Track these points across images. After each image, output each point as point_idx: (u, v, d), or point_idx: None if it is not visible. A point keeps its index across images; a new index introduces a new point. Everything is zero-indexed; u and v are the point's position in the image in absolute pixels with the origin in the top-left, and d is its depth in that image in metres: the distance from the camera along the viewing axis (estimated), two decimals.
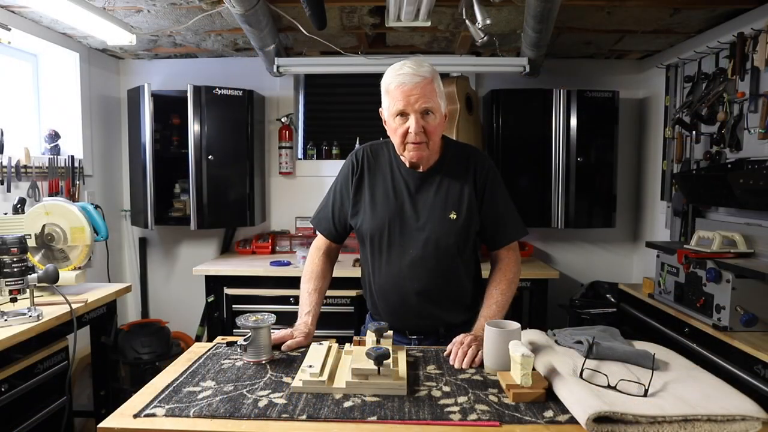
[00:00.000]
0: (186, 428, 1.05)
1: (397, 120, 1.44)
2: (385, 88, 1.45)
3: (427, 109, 1.41)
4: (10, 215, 2.23)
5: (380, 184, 1.55)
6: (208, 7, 2.54)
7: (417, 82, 1.38)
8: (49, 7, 2.34)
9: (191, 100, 3.13)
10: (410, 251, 1.50)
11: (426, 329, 1.57)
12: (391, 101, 1.43)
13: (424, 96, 1.39)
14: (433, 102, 1.41)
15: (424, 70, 1.41)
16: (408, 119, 1.41)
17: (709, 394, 1.09)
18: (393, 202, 1.53)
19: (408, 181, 1.54)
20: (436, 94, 1.42)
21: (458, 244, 1.51)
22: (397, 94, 1.40)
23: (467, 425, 1.05)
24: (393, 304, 1.56)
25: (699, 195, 2.56)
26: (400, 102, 1.40)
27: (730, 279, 2.00)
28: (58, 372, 1.98)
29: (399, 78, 1.40)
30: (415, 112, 1.40)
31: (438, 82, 1.44)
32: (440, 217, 1.50)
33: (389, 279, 1.54)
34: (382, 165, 1.57)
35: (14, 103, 2.93)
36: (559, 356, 1.29)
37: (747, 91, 2.38)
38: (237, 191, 3.28)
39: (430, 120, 1.42)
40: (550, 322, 3.04)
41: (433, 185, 1.53)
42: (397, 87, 1.40)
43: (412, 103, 1.39)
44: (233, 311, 3.04)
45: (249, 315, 1.43)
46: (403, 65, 1.42)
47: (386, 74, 1.45)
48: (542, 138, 3.21)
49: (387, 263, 1.54)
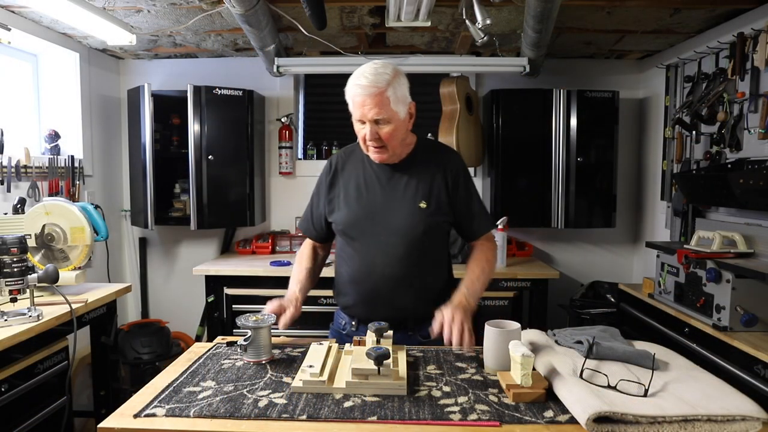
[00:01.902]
0: (186, 428, 1.05)
1: (357, 125, 1.53)
2: (346, 93, 1.52)
3: (378, 120, 1.47)
4: (10, 215, 2.23)
5: (353, 180, 1.64)
6: (208, 7, 2.54)
7: (369, 94, 1.45)
8: (49, 7, 2.34)
9: (191, 100, 3.13)
10: (381, 239, 1.56)
11: (395, 320, 1.58)
12: (351, 108, 1.52)
13: (376, 107, 1.45)
14: (385, 112, 1.46)
15: (379, 79, 1.45)
16: (365, 125, 1.50)
17: (709, 394, 1.09)
18: (365, 195, 1.60)
19: (379, 174, 1.61)
20: (389, 103, 1.47)
21: (427, 232, 1.57)
22: (352, 104, 1.50)
23: (467, 425, 1.05)
24: (364, 293, 1.60)
25: (699, 195, 2.56)
26: (356, 111, 1.49)
27: (730, 279, 2.00)
28: (58, 372, 1.98)
29: (352, 89, 1.48)
30: (368, 121, 1.47)
31: (394, 89, 1.47)
32: (410, 205, 1.56)
33: (361, 267, 1.59)
34: (355, 162, 1.66)
35: (14, 103, 2.93)
36: (559, 356, 1.29)
37: (747, 91, 2.38)
38: (237, 191, 3.28)
39: (383, 128, 1.49)
40: (550, 322, 3.04)
41: (404, 176, 1.59)
42: (351, 98, 1.49)
43: (366, 113, 1.47)
44: (233, 311, 3.04)
45: (249, 315, 1.43)
46: (360, 75, 1.47)
47: (349, 79, 1.51)
48: (542, 138, 3.21)
49: (359, 252, 1.60)
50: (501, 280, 2.98)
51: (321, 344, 1.42)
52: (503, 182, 3.22)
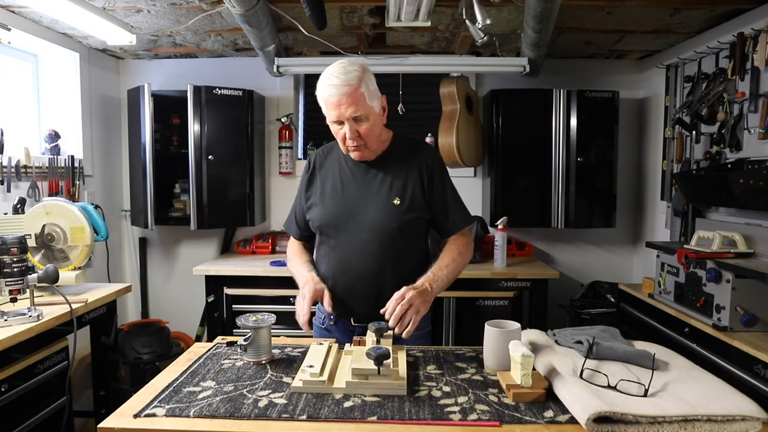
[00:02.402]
0: (186, 428, 1.05)
1: (334, 126, 1.53)
2: (318, 96, 1.51)
3: (357, 117, 1.48)
4: (10, 215, 2.23)
5: (330, 178, 1.65)
6: (208, 7, 2.54)
7: (343, 93, 1.45)
8: (49, 7, 2.34)
9: (191, 100, 3.13)
10: (356, 236, 1.57)
11: (371, 317, 1.56)
12: (326, 110, 1.51)
13: (353, 104, 1.46)
14: (362, 108, 1.47)
15: (351, 77, 1.46)
16: (343, 126, 1.50)
17: (709, 394, 1.09)
18: (340, 193, 1.61)
19: (355, 171, 1.63)
20: (364, 98, 1.48)
21: (401, 228, 1.57)
22: (329, 105, 1.48)
23: (467, 425, 1.05)
24: (340, 290, 1.60)
25: (699, 195, 2.56)
26: (332, 112, 1.48)
27: (730, 279, 2.00)
28: (58, 372, 1.98)
29: (327, 90, 1.47)
30: (347, 120, 1.48)
31: (366, 84, 1.49)
32: (384, 202, 1.57)
33: (338, 263, 1.60)
34: (332, 161, 1.68)
35: (14, 103, 2.93)
36: (559, 356, 1.29)
37: (747, 91, 2.38)
38: (237, 191, 3.28)
39: (362, 125, 1.50)
40: (550, 322, 3.04)
41: (379, 174, 1.60)
42: (325, 100, 1.49)
43: (343, 112, 1.47)
44: (233, 311, 3.04)
45: (249, 315, 1.43)
46: (331, 75, 1.47)
47: (318, 82, 1.51)
48: (542, 138, 3.21)
49: (335, 249, 1.61)
50: (501, 280, 2.98)
51: (321, 344, 1.42)
52: (503, 182, 3.22)
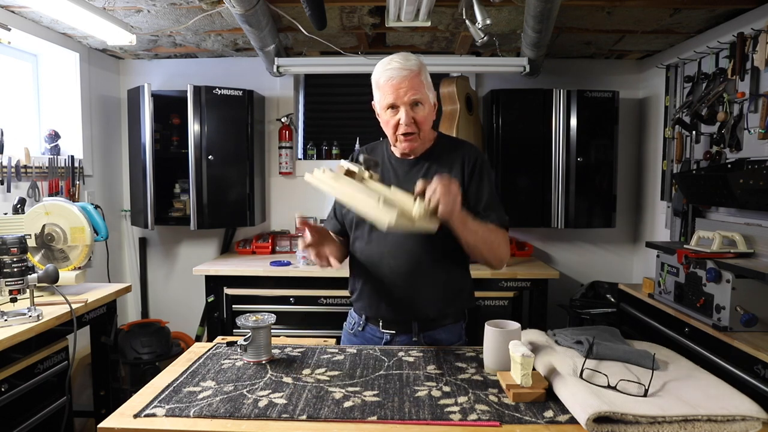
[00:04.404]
0: (186, 428, 1.05)
1: (388, 112, 1.50)
2: (375, 82, 1.51)
3: (416, 101, 1.47)
4: (10, 215, 2.23)
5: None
6: (208, 7, 2.54)
7: (405, 76, 1.44)
8: (49, 7, 2.34)
9: (191, 100, 3.13)
10: (394, 234, 1.51)
11: (400, 321, 1.57)
12: (381, 95, 1.49)
13: (412, 88, 1.45)
14: (421, 93, 1.47)
15: (411, 63, 1.46)
16: (398, 111, 1.47)
17: (709, 394, 1.09)
18: None
19: (397, 168, 1.59)
20: (424, 86, 1.48)
21: (442, 228, 1.48)
22: (387, 88, 1.46)
23: (467, 425, 1.05)
24: (372, 287, 1.58)
25: (699, 195, 2.56)
26: (390, 95, 1.46)
27: (730, 279, 2.00)
28: (58, 372, 1.98)
29: (388, 72, 1.46)
30: (404, 104, 1.46)
31: (425, 74, 1.50)
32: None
33: (369, 258, 1.58)
34: (376, 157, 1.61)
35: (14, 103, 2.93)
36: (559, 356, 1.29)
37: (747, 91, 2.38)
38: (237, 191, 3.28)
39: (419, 111, 1.48)
40: (550, 322, 3.04)
41: (420, 171, 1.56)
42: (387, 81, 1.46)
43: (402, 95, 1.45)
44: (233, 311, 3.04)
45: (249, 315, 1.43)
46: (391, 60, 1.47)
47: (375, 69, 1.50)
48: (542, 138, 3.21)
49: (369, 243, 1.58)
50: (501, 280, 2.98)
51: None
52: (503, 182, 3.22)
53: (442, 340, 1.58)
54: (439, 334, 1.58)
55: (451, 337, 1.59)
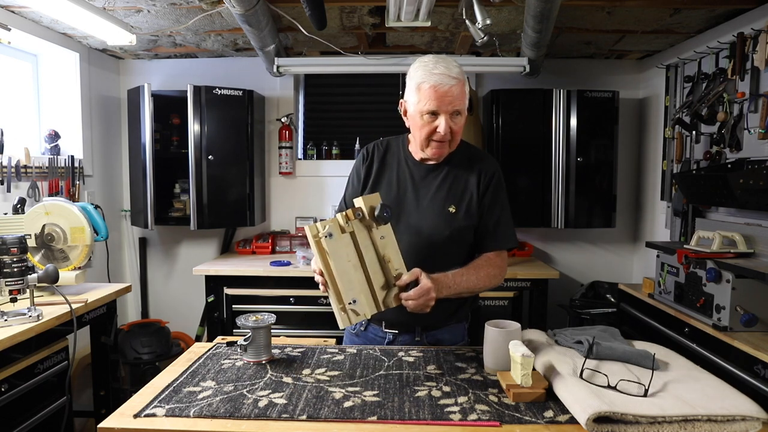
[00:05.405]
0: (186, 428, 1.05)
1: (425, 117, 1.45)
2: (417, 84, 1.44)
3: (457, 111, 1.44)
4: (10, 215, 2.23)
5: (386, 174, 1.59)
6: (208, 7, 2.54)
7: (452, 85, 1.40)
8: (49, 7, 2.34)
9: (191, 100, 3.13)
10: (404, 237, 1.50)
11: (403, 324, 1.56)
12: (422, 99, 1.43)
13: (457, 98, 1.42)
14: (463, 104, 1.45)
15: (457, 72, 1.43)
16: (437, 119, 1.44)
17: (709, 394, 1.09)
18: (395, 191, 1.56)
19: (414, 172, 1.57)
20: (465, 96, 1.46)
21: (452, 237, 1.51)
22: (431, 94, 1.41)
23: (467, 425, 1.05)
24: None
25: (699, 195, 2.56)
26: (432, 101, 1.42)
27: (730, 279, 2.00)
28: (58, 372, 1.98)
29: (434, 78, 1.40)
30: (446, 113, 1.43)
31: (467, 84, 1.48)
32: (439, 208, 1.52)
33: None
34: (391, 156, 1.61)
35: (14, 103, 2.93)
36: (559, 356, 1.29)
37: (747, 91, 2.38)
38: (237, 191, 3.28)
39: (458, 121, 1.46)
40: (550, 322, 3.05)
41: (437, 178, 1.55)
42: (432, 87, 1.41)
43: (446, 104, 1.42)
44: (233, 311, 3.04)
45: (249, 315, 1.43)
46: (436, 64, 1.42)
47: (417, 70, 1.45)
48: (542, 138, 3.21)
49: None
50: None
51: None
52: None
53: (445, 340, 1.58)
54: (441, 334, 1.58)
55: (454, 337, 1.60)
